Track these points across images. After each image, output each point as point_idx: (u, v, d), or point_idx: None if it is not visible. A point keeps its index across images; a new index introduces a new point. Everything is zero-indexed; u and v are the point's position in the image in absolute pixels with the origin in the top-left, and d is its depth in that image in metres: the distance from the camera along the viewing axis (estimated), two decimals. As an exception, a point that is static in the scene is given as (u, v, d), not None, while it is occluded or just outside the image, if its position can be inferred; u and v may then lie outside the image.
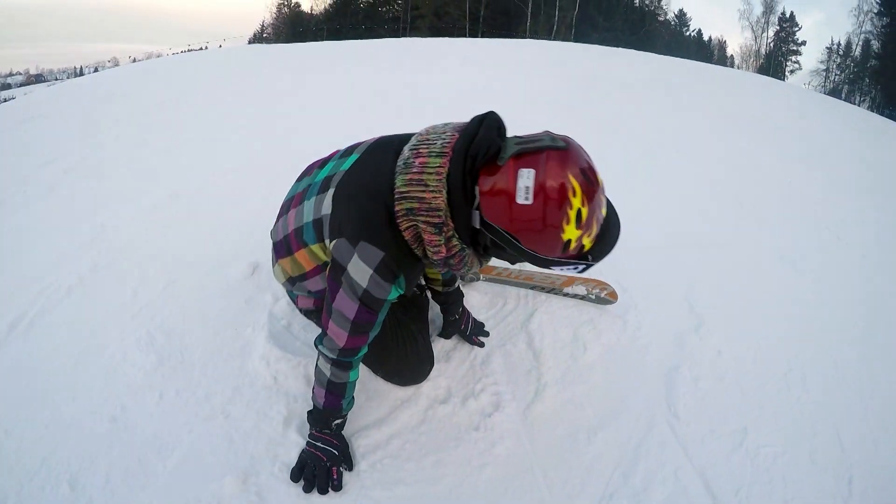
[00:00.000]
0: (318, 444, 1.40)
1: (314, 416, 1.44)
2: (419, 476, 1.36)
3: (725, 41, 39.46)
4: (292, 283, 1.46)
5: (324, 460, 1.38)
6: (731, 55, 37.26)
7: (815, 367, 1.77)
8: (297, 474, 1.38)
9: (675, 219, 2.71)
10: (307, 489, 1.35)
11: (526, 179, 1.03)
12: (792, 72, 33.76)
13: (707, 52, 35.35)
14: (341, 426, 1.44)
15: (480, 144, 1.09)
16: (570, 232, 1.05)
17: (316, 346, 1.37)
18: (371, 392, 1.56)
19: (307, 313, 1.55)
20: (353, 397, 1.44)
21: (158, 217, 2.68)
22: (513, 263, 1.39)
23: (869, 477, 1.44)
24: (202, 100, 6.09)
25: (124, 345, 1.77)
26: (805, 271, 2.36)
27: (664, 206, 2.83)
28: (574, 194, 1.02)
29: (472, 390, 1.54)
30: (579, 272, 1.10)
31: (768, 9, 33.85)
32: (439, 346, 1.71)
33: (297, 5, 38.86)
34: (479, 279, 1.97)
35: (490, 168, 1.08)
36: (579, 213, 1.04)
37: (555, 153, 1.03)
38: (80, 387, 1.65)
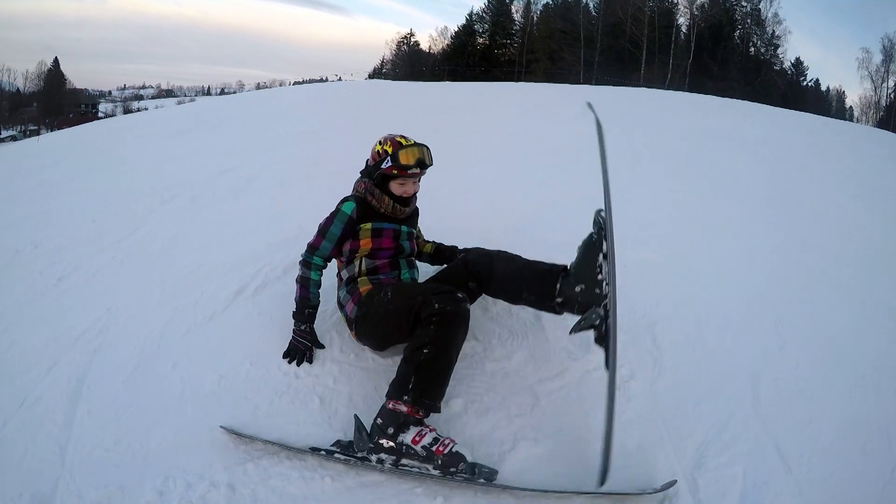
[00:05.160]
0: (298, 338, 2.34)
1: (295, 313, 2.35)
2: (581, 412, 2.07)
3: (844, 91, 37.10)
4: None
5: (301, 348, 2.32)
6: (850, 106, 35.16)
7: (876, 387, 2.26)
8: (286, 355, 2.33)
9: (775, 268, 3.30)
10: (290, 363, 2.30)
11: None
12: (914, 125, 31.65)
13: (825, 103, 33.52)
14: (313, 316, 2.37)
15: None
16: (377, 146, 2.36)
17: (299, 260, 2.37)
18: (542, 358, 2.31)
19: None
20: (318, 296, 2.37)
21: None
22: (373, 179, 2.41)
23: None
24: (350, 131, 7.06)
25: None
26: (883, 316, 2.85)
27: (766, 256, 3.44)
28: (379, 142, 2.37)
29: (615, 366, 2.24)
30: None
31: (888, 57, 32.23)
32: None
33: (417, 44, 41.07)
34: None
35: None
36: (380, 143, 2.35)
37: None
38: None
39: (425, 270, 2.58)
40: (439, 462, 1.78)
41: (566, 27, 32.93)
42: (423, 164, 2.33)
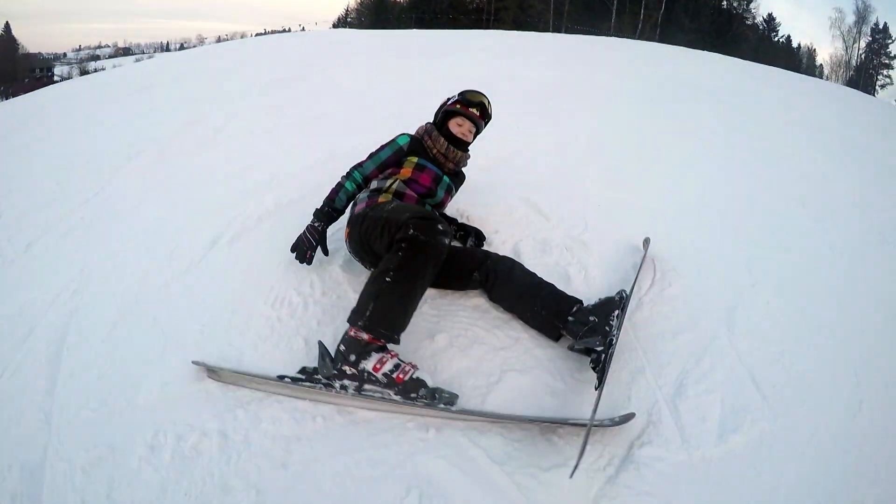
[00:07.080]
0: (307, 234, 2.39)
1: (317, 210, 2.42)
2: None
3: (815, 49, 37.21)
4: None
5: (305, 245, 2.37)
6: (821, 64, 35.33)
7: (839, 323, 2.35)
8: (293, 248, 2.41)
9: (745, 211, 3.39)
10: (296, 258, 2.39)
11: None
12: (883, 86, 32.12)
13: (795, 59, 33.59)
14: (332, 218, 2.43)
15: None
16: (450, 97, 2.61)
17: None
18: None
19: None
20: (343, 204, 2.45)
21: (322, 171, 3.25)
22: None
23: (877, 403, 1.94)
24: (317, 80, 7.09)
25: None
26: (847, 259, 2.93)
27: (737, 200, 3.52)
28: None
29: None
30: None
31: (860, 18, 32.41)
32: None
33: (382, -9, 39.80)
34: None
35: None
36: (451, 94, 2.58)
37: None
38: (278, 285, 2.44)
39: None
40: (400, 388, 1.82)
41: (536, -27, 32.21)
42: (485, 108, 2.58)
